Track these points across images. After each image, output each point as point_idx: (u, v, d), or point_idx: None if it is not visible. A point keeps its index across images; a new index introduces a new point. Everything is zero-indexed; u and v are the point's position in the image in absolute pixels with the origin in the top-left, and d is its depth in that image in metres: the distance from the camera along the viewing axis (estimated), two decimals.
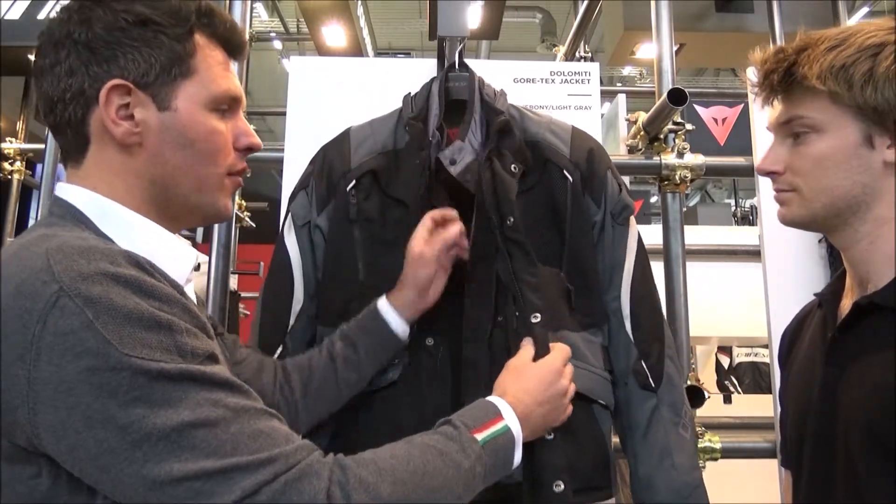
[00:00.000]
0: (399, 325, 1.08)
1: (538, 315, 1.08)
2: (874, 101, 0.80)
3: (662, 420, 1.16)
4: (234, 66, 0.85)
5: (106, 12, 0.74)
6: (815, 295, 0.98)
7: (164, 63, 0.75)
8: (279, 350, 1.20)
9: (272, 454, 0.63)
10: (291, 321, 1.21)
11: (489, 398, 0.85)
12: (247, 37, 1.78)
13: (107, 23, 0.74)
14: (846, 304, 0.88)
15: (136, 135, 0.75)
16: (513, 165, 1.17)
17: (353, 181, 1.22)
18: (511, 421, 0.82)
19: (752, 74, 0.93)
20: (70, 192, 0.76)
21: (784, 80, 0.85)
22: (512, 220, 1.12)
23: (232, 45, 0.82)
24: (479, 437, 0.77)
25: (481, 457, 0.76)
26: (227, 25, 0.82)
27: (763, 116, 0.94)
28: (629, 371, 1.18)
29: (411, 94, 1.28)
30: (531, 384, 0.89)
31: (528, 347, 0.98)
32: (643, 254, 1.23)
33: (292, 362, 1.08)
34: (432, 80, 1.28)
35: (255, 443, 0.63)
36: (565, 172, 1.21)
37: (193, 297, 0.86)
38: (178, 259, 0.78)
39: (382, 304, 1.09)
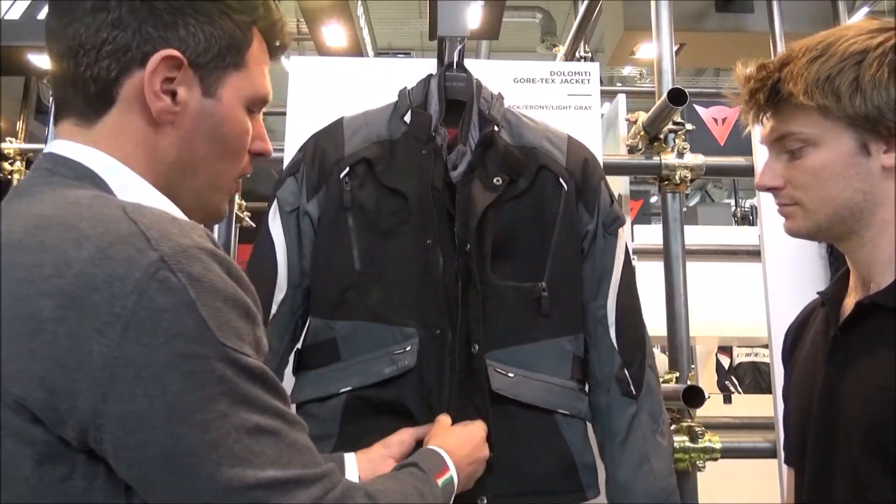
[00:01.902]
0: None
1: (476, 346, 1.13)
2: (864, 109, 0.79)
3: (642, 427, 1.19)
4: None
5: None
6: (818, 293, 0.98)
7: (223, 47, 0.68)
8: None
9: (322, 471, 0.61)
10: (273, 310, 1.19)
11: (435, 448, 0.93)
12: None
13: None
14: (849, 303, 0.88)
15: (172, 114, 0.67)
16: (496, 178, 1.18)
17: (347, 168, 1.21)
18: (454, 472, 0.91)
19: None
20: (81, 152, 0.65)
21: (771, 98, 0.85)
22: (469, 246, 1.14)
23: (277, 46, 0.76)
24: (439, 482, 0.84)
25: (440, 500, 0.84)
26: (280, 25, 0.75)
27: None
28: (612, 378, 1.20)
29: (408, 89, 1.29)
30: (463, 446, 0.99)
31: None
32: (629, 265, 1.26)
33: None
34: (429, 76, 1.28)
35: (304, 457, 0.61)
36: (561, 180, 1.23)
37: None
38: None
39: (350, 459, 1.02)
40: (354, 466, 0.98)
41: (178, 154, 0.69)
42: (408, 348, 1.13)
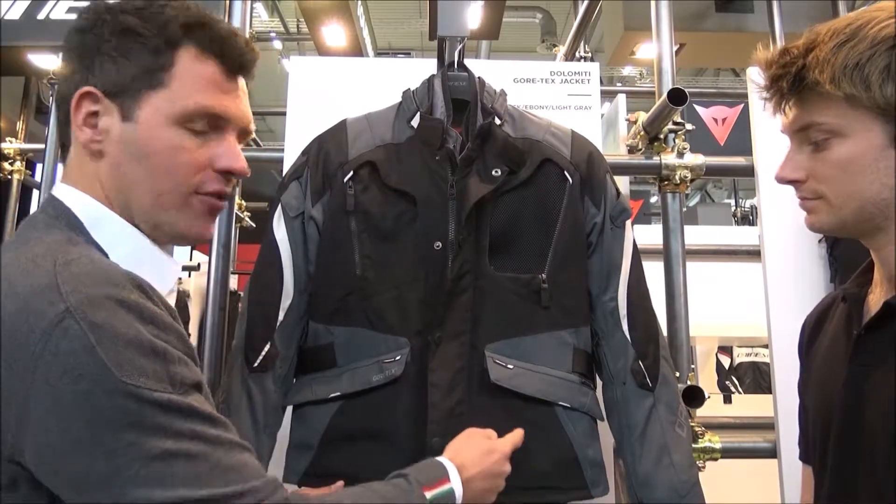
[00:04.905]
0: None
1: (474, 340, 1.13)
2: None
3: (660, 419, 1.17)
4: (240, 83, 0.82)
5: (102, 23, 0.76)
6: (840, 288, 0.93)
7: (135, 74, 0.75)
8: (266, 347, 1.17)
9: (245, 488, 0.66)
10: (281, 317, 1.19)
11: (441, 459, 0.88)
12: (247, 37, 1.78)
13: (97, 32, 0.76)
14: (872, 300, 0.85)
15: (97, 142, 0.76)
16: (494, 170, 1.17)
17: (351, 172, 1.21)
18: (456, 485, 0.85)
19: (755, 75, 0.87)
20: (66, 193, 0.77)
21: (795, 86, 0.80)
22: (462, 237, 1.14)
23: (231, 60, 0.79)
24: (429, 495, 0.81)
25: None
26: (225, 39, 0.79)
27: (764, 117, 0.93)
28: (627, 371, 1.19)
29: (411, 90, 1.28)
30: (481, 458, 0.92)
31: (492, 431, 1.00)
32: (638, 257, 1.25)
33: None
34: (431, 77, 1.28)
35: (228, 475, 0.66)
36: (566, 174, 1.22)
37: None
38: (161, 273, 0.78)
39: None
40: None
41: (113, 180, 0.76)
42: (397, 357, 1.12)
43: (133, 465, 0.61)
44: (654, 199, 6.75)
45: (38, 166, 3.17)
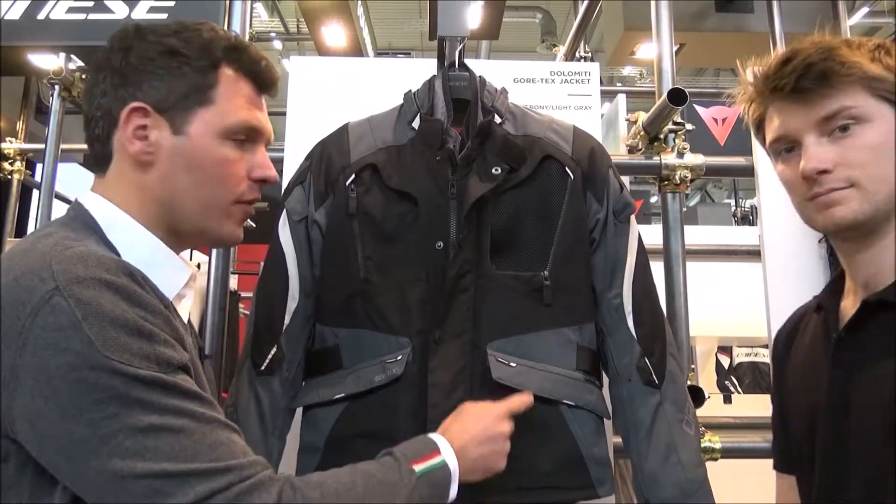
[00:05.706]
0: None
1: (475, 339, 1.12)
2: None
3: (666, 416, 1.16)
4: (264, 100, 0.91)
5: (142, 43, 0.82)
6: (814, 297, 0.97)
7: (184, 91, 0.81)
8: (273, 351, 1.18)
9: (229, 464, 0.68)
10: (287, 321, 1.19)
11: (430, 434, 0.89)
12: (247, 37, 1.78)
13: (140, 52, 0.82)
14: (846, 307, 0.87)
15: (149, 154, 0.81)
16: (494, 168, 1.17)
17: (353, 175, 1.21)
18: (448, 456, 0.85)
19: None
20: (90, 200, 0.83)
21: (833, 71, 0.82)
22: (462, 235, 1.13)
23: (261, 80, 0.88)
24: (417, 468, 0.81)
25: (418, 487, 0.80)
26: (257, 62, 0.87)
27: None
28: (633, 367, 1.17)
29: (413, 91, 1.28)
30: (471, 425, 0.92)
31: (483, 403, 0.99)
32: (643, 252, 1.24)
33: None
34: (433, 77, 1.28)
35: (214, 452, 0.68)
36: (567, 170, 1.21)
37: (186, 314, 0.88)
38: (171, 276, 0.83)
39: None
40: None
41: (162, 189, 0.82)
42: (398, 357, 1.12)
43: (117, 436, 0.64)
44: (654, 199, 6.75)
45: (38, 166, 3.17)
